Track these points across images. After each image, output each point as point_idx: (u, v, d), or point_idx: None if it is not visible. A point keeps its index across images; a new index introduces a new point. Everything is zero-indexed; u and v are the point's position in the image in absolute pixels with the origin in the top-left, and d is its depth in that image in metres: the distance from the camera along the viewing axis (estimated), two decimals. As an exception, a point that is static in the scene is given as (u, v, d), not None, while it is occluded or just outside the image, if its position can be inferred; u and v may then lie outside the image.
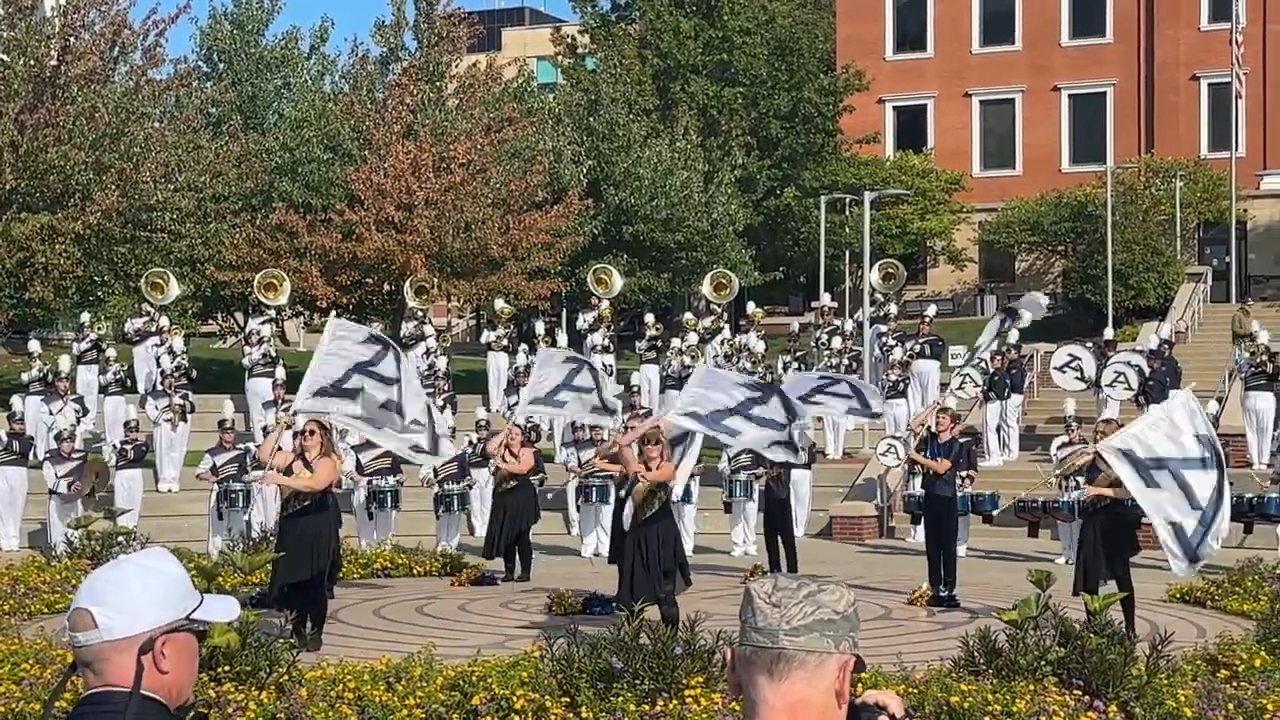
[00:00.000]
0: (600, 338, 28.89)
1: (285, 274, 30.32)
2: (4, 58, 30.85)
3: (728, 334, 29.89)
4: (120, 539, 17.16)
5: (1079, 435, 21.83)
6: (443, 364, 27.92)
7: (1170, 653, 10.44)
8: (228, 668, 10.13)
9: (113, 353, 27.59)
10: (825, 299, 32.06)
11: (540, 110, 41.45)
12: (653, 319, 31.18)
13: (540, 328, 29.51)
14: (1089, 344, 28.81)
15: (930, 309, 32.02)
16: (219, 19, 43.37)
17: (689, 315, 31.74)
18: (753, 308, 31.04)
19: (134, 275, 31.03)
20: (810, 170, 47.15)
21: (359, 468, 22.04)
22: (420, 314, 30.14)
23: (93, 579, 3.02)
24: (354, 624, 15.17)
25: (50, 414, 24.70)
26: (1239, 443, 24.89)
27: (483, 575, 18.73)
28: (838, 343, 28.85)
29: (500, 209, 33.80)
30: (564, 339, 29.26)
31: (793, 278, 46.86)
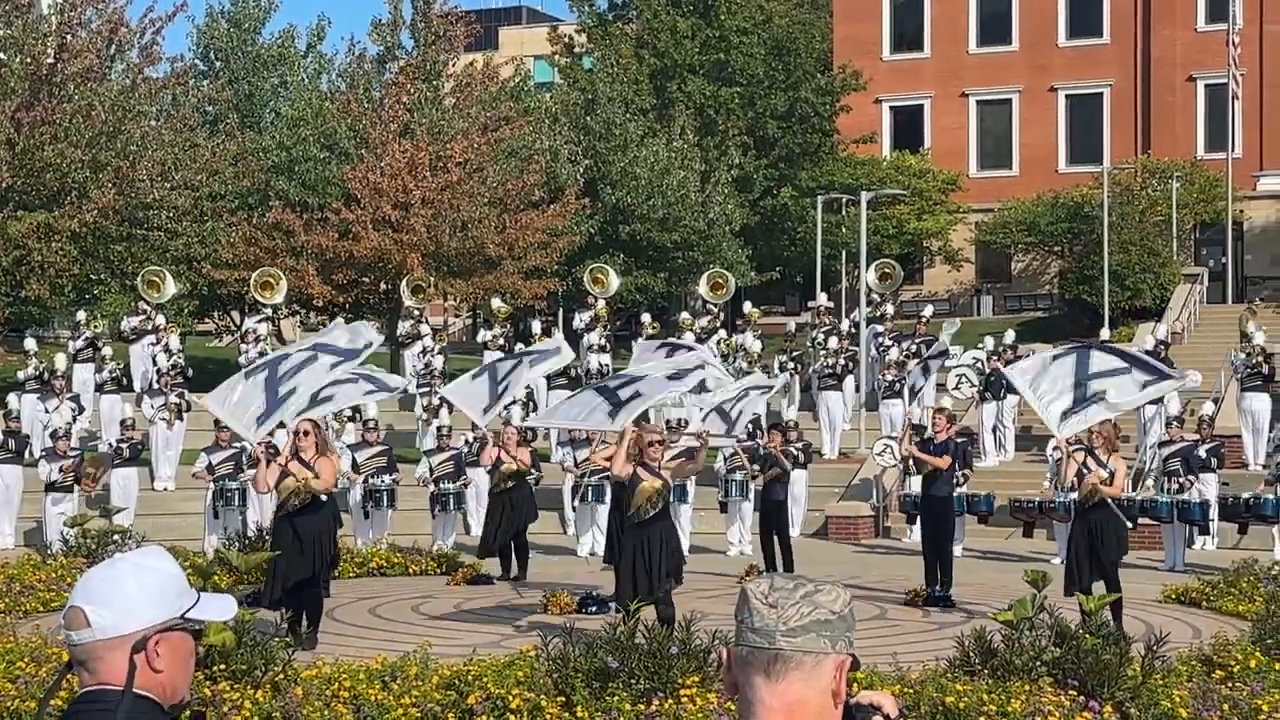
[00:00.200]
0: (597, 337, 28.88)
1: (282, 273, 30.32)
2: (0, 55, 30.82)
3: (724, 334, 29.90)
4: (116, 537, 17.15)
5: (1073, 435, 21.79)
6: (439, 363, 27.91)
7: (1165, 653, 10.45)
8: (223, 666, 10.13)
9: (109, 351, 27.59)
10: (822, 299, 32.06)
11: (537, 109, 41.47)
12: (649, 318, 31.20)
13: (537, 327, 29.52)
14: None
15: (927, 309, 32.06)
16: (216, 17, 43.32)
17: (685, 315, 31.75)
18: (749, 307, 31.09)
19: (130, 273, 31.02)
20: (807, 170, 47.13)
21: (355, 466, 22.03)
22: (417, 313, 30.14)
23: (88, 577, 3.02)
24: (350, 623, 15.16)
25: (46, 412, 24.67)
26: (1235, 444, 24.91)
27: (479, 574, 18.73)
28: (834, 343, 28.85)
29: (497, 208, 33.79)
30: (560, 338, 29.22)
31: (789, 277, 46.86)
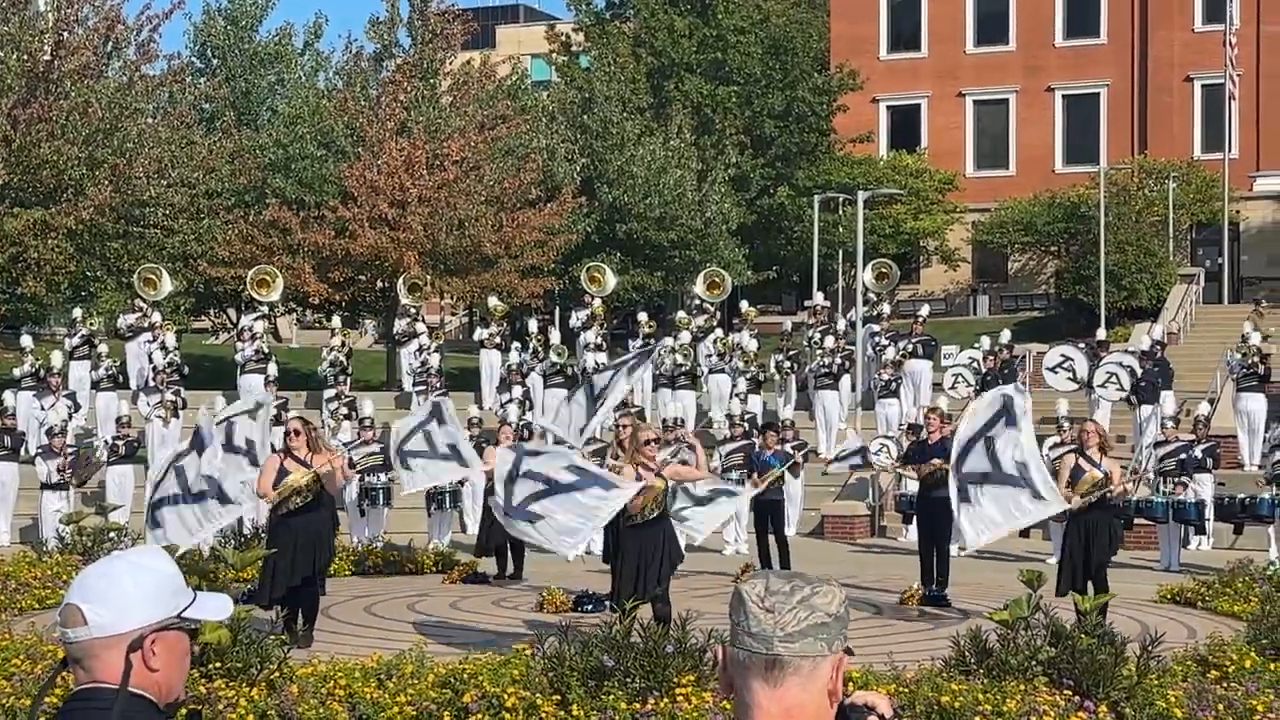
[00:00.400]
0: (593, 336, 28.88)
1: (278, 270, 30.29)
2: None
3: (720, 333, 29.91)
4: (112, 535, 17.15)
5: (1070, 435, 21.82)
6: (435, 361, 27.91)
7: (1161, 653, 10.45)
8: (218, 664, 10.11)
9: (105, 348, 27.59)
10: (818, 298, 32.10)
11: (534, 108, 41.47)
12: (646, 317, 31.18)
13: (533, 325, 29.52)
14: (1081, 345, 28.80)
15: (923, 309, 32.03)
16: (213, 15, 43.33)
17: (682, 314, 31.74)
18: (746, 306, 31.10)
19: (126, 271, 31.01)
20: (804, 169, 47.14)
21: (351, 464, 22.00)
22: (413, 311, 30.12)
23: (84, 575, 3.02)
24: (345, 621, 15.14)
25: (42, 409, 24.67)
26: (1230, 444, 24.93)
27: (474, 573, 18.72)
28: (830, 342, 28.84)
29: (494, 206, 33.79)
30: (557, 336, 29.26)
31: (786, 277, 46.90)
